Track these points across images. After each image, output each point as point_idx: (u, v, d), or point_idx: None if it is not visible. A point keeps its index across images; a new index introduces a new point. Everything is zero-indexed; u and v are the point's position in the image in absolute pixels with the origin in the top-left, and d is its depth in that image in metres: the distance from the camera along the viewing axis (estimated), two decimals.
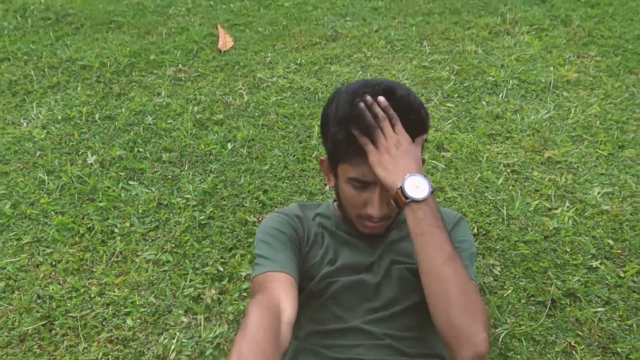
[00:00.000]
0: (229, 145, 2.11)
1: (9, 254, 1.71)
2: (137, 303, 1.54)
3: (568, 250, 1.74)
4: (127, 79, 2.47)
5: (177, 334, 1.46)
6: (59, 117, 2.24)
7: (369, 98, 1.03)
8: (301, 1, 3.10)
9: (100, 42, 2.71)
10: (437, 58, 2.65)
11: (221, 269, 1.66)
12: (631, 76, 2.55)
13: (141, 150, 2.09)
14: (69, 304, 1.54)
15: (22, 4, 3.01)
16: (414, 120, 1.04)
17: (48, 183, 1.94)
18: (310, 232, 1.21)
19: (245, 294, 1.58)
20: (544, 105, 2.36)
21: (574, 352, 1.44)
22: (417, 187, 1.00)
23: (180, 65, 2.56)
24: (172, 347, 1.42)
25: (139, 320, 1.50)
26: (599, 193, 1.95)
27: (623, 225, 1.83)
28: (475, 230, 1.78)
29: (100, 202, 1.87)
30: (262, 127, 2.21)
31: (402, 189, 0.99)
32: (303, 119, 2.23)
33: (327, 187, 1.48)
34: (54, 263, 1.68)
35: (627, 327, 1.49)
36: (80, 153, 2.07)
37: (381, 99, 1.02)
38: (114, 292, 1.58)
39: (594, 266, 1.69)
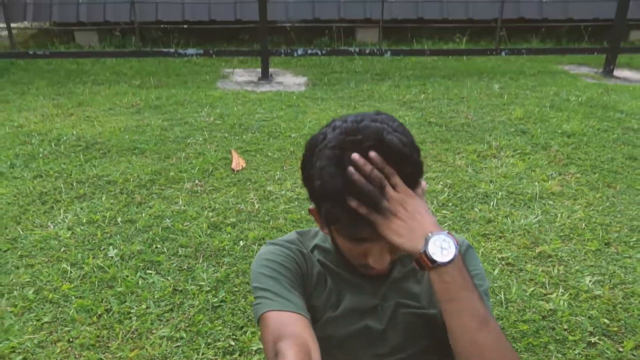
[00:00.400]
0: (241, 243, 2.26)
1: (28, 332, 1.78)
2: None
3: (566, 327, 1.81)
4: (148, 191, 2.70)
5: None
6: (84, 221, 2.42)
7: (358, 159, 0.89)
8: (306, 133, 3.45)
9: (124, 164, 2.99)
10: (431, 175, 2.91)
11: (233, 344, 1.73)
12: (610, 189, 2.78)
13: (159, 246, 2.24)
14: None
15: (56, 135, 3.35)
16: (411, 171, 0.94)
17: (70, 272, 2.06)
18: (313, 271, 1.12)
19: None
20: (532, 212, 2.55)
21: None
22: (442, 247, 0.90)
23: (196, 181, 2.80)
24: None
25: None
26: (590, 281, 2.06)
27: (617, 307, 1.92)
28: None
29: (119, 288, 1.97)
30: (272, 229, 2.38)
31: (425, 252, 0.89)
32: (310, 223, 2.41)
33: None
34: (71, 340, 1.74)
35: None
36: (102, 248, 2.22)
37: (373, 155, 0.89)
38: None
39: (592, 342, 1.75)
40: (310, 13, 5.53)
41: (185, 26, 5.48)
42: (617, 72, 5.08)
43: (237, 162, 3.03)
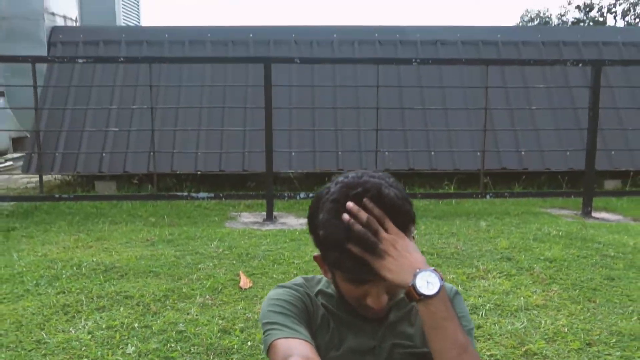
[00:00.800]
0: (249, 343, 2.45)
1: None
2: None
3: None
4: (162, 304, 2.92)
5: None
6: (103, 326, 2.61)
7: (352, 207, 1.04)
8: (308, 260, 3.74)
9: (141, 283, 3.24)
10: None
11: None
12: (590, 303, 3.00)
13: (173, 345, 2.42)
14: None
15: (77, 262, 3.63)
16: (403, 219, 1.09)
17: None
18: (318, 312, 1.23)
19: None
20: (518, 320, 2.75)
21: None
22: (428, 282, 1.03)
23: (207, 296, 3.03)
24: None
25: None
26: None
27: None
28: None
29: None
30: None
31: (414, 286, 1.02)
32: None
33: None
34: None
35: None
36: (120, 347, 2.40)
37: (366, 201, 1.05)
38: None
39: None
40: (312, 164, 6.10)
41: (198, 172, 6.03)
42: (595, 214, 5.49)
43: (245, 281, 3.28)
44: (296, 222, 5.22)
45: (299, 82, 6.36)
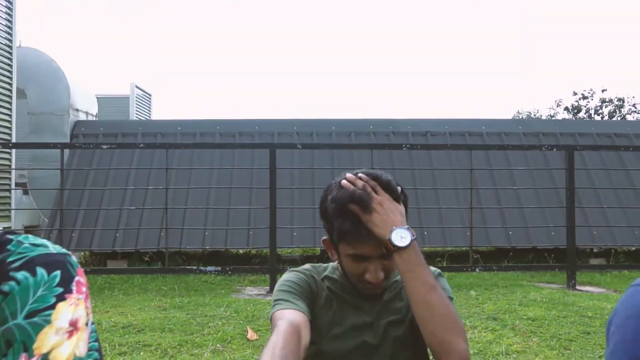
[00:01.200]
0: None
1: None
2: None
3: None
4: (178, 350, 3.23)
5: None
6: None
7: (350, 175, 1.32)
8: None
9: (157, 336, 3.55)
10: None
11: None
12: (566, 350, 3.31)
13: None
14: None
15: (96, 320, 3.95)
16: (392, 195, 1.32)
17: None
18: (322, 293, 1.43)
19: None
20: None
21: None
22: (401, 236, 1.26)
23: (218, 345, 3.34)
24: None
25: None
26: None
27: None
28: None
29: None
30: None
31: (389, 239, 1.25)
32: None
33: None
34: None
35: None
36: None
37: (361, 174, 1.32)
38: None
39: None
40: (312, 241, 6.50)
41: (207, 249, 6.40)
42: (579, 287, 5.82)
43: (252, 334, 3.60)
44: None
45: (300, 166, 6.91)
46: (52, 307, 0.86)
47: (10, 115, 6.71)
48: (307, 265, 1.51)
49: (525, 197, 6.90)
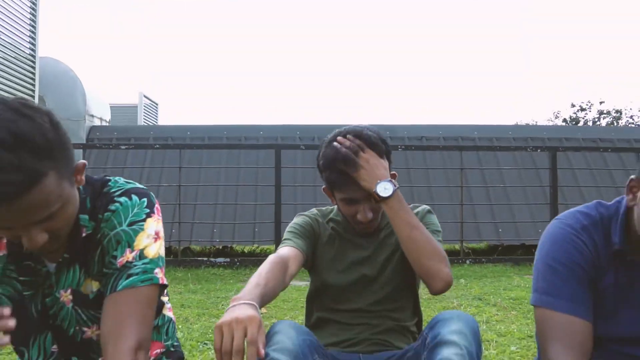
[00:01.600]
0: None
1: None
2: None
3: None
4: (198, 319, 3.66)
5: None
6: None
7: (339, 138, 1.53)
8: None
9: (177, 310, 3.98)
10: None
11: None
12: None
13: (210, 334, 3.15)
14: None
15: None
16: (376, 150, 1.54)
17: None
18: (325, 232, 1.68)
19: None
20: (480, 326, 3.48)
21: None
22: (385, 188, 1.49)
23: None
24: None
25: None
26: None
27: None
28: None
29: None
30: None
31: (375, 192, 1.48)
32: None
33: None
34: None
35: None
36: None
37: (349, 136, 1.53)
38: None
39: None
40: None
41: (217, 242, 6.84)
42: None
43: (262, 309, 4.03)
44: (302, 283, 5.96)
45: (303, 165, 7.38)
46: (144, 220, 1.30)
47: None
48: (314, 210, 1.77)
49: (514, 195, 7.34)
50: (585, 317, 1.29)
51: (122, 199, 1.30)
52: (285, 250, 1.56)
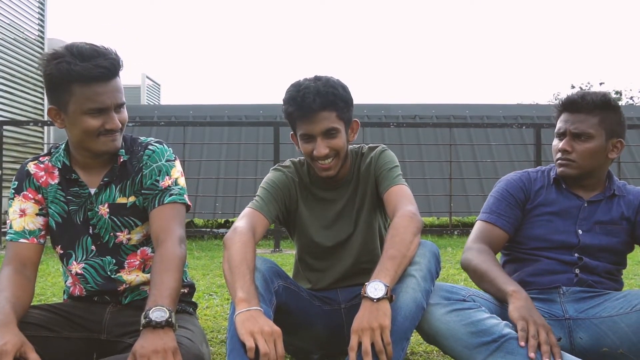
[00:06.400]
0: None
1: None
2: None
3: None
4: (203, 276, 4.03)
5: None
6: None
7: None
8: None
9: None
10: None
11: None
12: None
13: (215, 289, 3.53)
14: None
15: None
16: (334, 94, 1.62)
17: None
18: (298, 196, 1.82)
19: None
20: (460, 278, 3.85)
21: None
22: (375, 288, 1.45)
23: None
24: None
25: None
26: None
27: None
28: None
29: None
30: None
31: (366, 294, 1.44)
32: None
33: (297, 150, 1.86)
34: None
35: None
36: None
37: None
38: None
39: None
40: None
41: (218, 213, 7.20)
42: None
43: None
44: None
45: None
46: (174, 160, 1.77)
47: (42, 99, 7.49)
48: (289, 162, 1.89)
49: (502, 171, 7.68)
50: (503, 227, 1.86)
51: (157, 145, 1.78)
52: (253, 218, 1.73)
